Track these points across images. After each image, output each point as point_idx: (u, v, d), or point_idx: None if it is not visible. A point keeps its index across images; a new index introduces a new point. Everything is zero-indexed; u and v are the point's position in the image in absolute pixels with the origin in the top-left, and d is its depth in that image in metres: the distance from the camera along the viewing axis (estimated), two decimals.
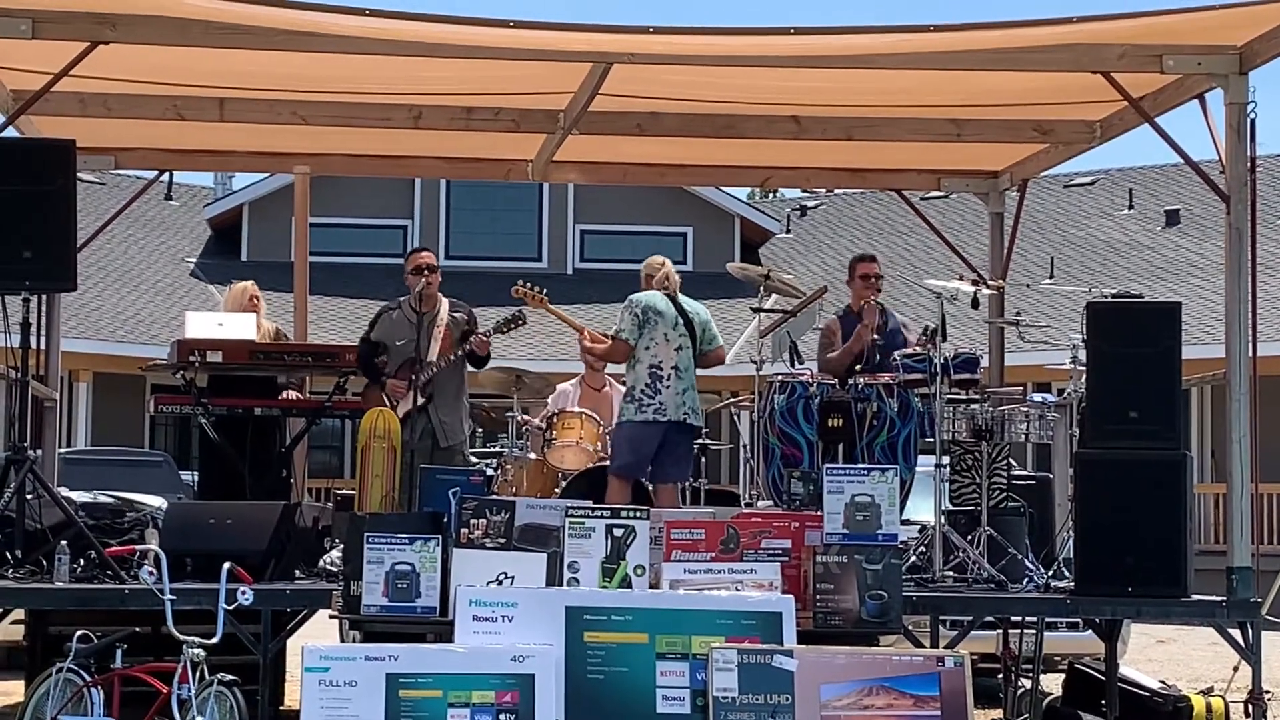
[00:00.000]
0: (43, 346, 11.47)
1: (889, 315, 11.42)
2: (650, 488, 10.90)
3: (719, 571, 8.39)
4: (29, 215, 9.33)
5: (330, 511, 11.53)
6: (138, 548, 8.78)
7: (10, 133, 10.17)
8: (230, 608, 8.08)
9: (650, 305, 10.82)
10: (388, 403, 10.93)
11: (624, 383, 11.14)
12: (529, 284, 11.62)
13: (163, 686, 7.97)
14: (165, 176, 22.69)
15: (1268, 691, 9.65)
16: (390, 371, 11.17)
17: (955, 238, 15.49)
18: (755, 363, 11.20)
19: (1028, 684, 10.86)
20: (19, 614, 10.67)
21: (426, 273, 11.13)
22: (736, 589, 8.28)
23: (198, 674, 7.87)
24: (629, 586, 8.27)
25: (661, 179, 14.62)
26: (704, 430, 11.43)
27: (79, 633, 8.39)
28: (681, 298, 10.97)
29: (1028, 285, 24.67)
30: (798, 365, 11.15)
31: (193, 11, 9.22)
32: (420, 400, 10.90)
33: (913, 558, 10.01)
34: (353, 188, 27.10)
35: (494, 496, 9.51)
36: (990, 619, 10.66)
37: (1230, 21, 9.33)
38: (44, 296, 11.18)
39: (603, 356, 11.60)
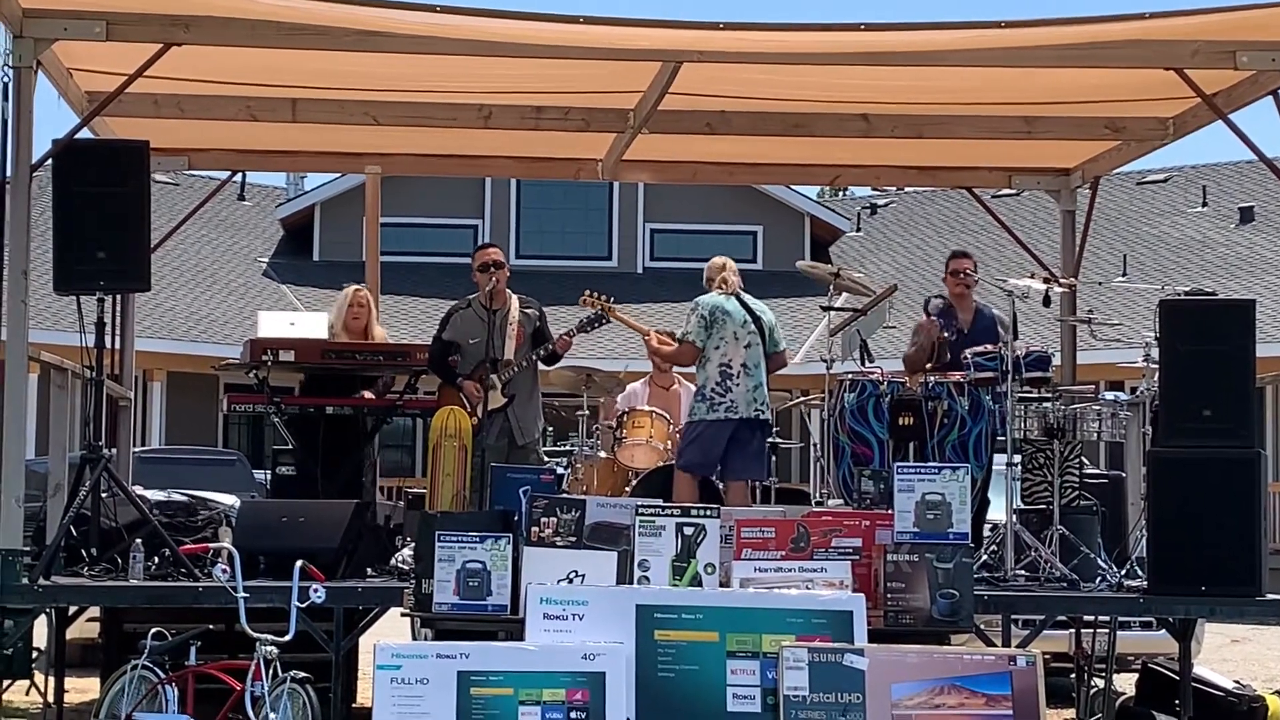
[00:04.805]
0: (117, 346, 11.60)
1: (982, 313, 11.35)
2: (721, 485, 10.89)
3: (789, 570, 8.39)
4: (104, 216, 9.40)
5: (402, 510, 11.57)
6: (211, 546, 8.83)
7: (85, 134, 10.23)
8: (303, 606, 8.11)
9: (718, 306, 10.82)
10: (466, 404, 10.94)
11: (693, 382, 11.14)
12: (596, 293, 11.61)
13: (236, 684, 8.03)
14: (238, 177, 22.88)
15: None
16: (464, 370, 11.17)
17: (1026, 235, 15.41)
18: (825, 361, 11.19)
19: (1100, 683, 10.80)
20: (94, 612, 10.78)
21: (494, 269, 11.16)
22: (807, 587, 8.27)
23: (270, 671, 7.91)
24: (699, 585, 8.27)
25: (731, 178, 14.61)
26: (775, 429, 11.40)
27: (153, 630, 8.45)
28: (747, 298, 10.96)
29: (1100, 283, 24.51)
30: (868, 363, 11.13)
31: (265, 12, 9.26)
32: (504, 400, 10.93)
33: (984, 556, 9.97)
34: (423, 187, 27.19)
35: (564, 495, 9.50)
36: (1063, 618, 10.61)
37: None
38: (119, 296, 11.30)
39: (669, 359, 11.64)
